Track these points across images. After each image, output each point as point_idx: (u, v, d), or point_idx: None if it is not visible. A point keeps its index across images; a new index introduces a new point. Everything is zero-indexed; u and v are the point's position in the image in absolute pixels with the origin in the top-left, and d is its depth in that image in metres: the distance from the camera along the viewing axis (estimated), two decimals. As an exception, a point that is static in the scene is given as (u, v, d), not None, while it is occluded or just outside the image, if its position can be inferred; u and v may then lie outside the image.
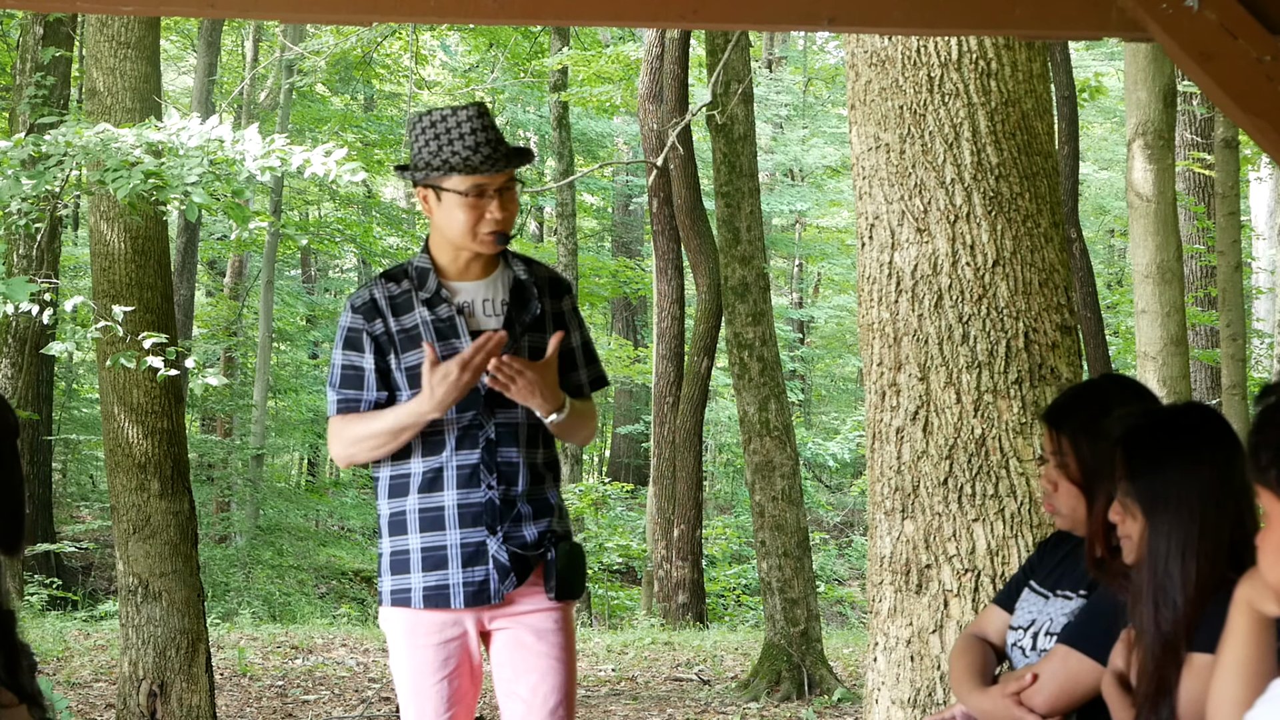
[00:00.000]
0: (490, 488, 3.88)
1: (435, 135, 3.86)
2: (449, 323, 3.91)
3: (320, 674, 11.21)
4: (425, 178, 3.88)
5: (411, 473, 3.90)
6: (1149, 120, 8.19)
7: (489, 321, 3.94)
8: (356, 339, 3.92)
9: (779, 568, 11.12)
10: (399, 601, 3.91)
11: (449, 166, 3.83)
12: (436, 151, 3.85)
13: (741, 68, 11.84)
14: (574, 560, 3.94)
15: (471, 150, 3.83)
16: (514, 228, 3.98)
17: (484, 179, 3.85)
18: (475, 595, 3.87)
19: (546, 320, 4.01)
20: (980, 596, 4.73)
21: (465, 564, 3.86)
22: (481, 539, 3.86)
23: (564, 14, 4.06)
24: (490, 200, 3.86)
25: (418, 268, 3.95)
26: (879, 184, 5.03)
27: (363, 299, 3.94)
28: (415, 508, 3.89)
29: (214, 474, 21.93)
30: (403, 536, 3.91)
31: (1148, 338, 8.09)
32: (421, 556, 3.88)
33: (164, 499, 8.34)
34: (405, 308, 3.92)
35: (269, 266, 22.21)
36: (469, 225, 3.86)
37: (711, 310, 14.15)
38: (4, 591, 2.73)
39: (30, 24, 14.31)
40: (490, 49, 23.62)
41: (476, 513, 3.87)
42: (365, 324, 3.91)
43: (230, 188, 7.66)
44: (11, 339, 14.48)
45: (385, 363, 3.90)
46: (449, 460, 3.87)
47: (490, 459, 3.88)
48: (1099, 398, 3.41)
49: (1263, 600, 2.37)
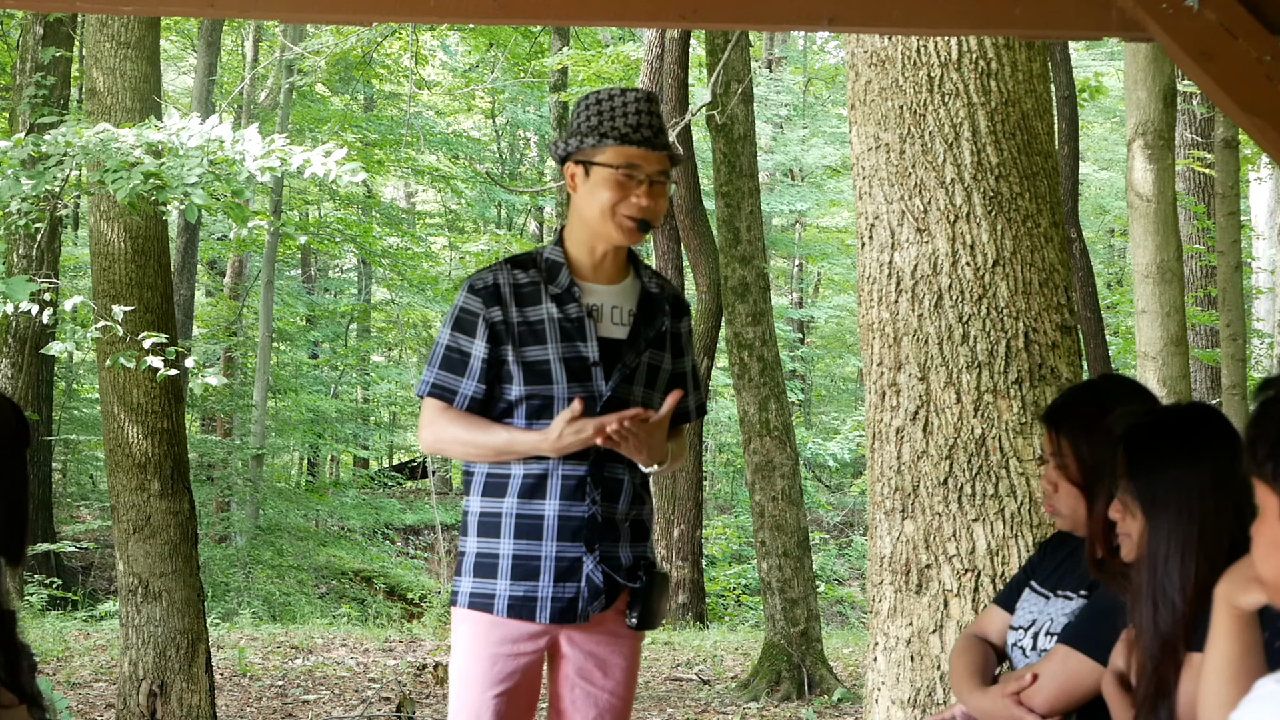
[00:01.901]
0: (594, 503, 3.70)
1: (599, 110, 3.70)
2: (577, 324, 3.72)
3: (320, 674, 11.21)
4: (579, 147, 3.69)
5: (512, 474, 3.71)
6: (1149, 120, 8.18)
7: (616, 330, 3.76)
8: (471, 322, 3.70)
9: (779, 568, 11.12)
10: (479, 605, 3.71)
11: (605, 137, 3.66)
12: (596, 125, 3.68)
13: (741, 68, 11.85)
14: (663, 590, 3.79)
15: (633, 127, 3.67)
16: (658, 224, 3.81)
17: (639, 156, 3.67)
18: (562, 612, 3.69)
19: (667, 339, 3.85)
20: (980, 596, 4.73)
21: (558, 578, 3.68)
22: (578, 555, 3.69)
23: (564, 14, 4.06)
24: (640, 184, 3.68)
25: (549, 259, 3.76)
26: (879, 184, 5.03)
27: (485, 282, 3.72)
28: (513, 512, 3.70)
29: (214, 474, 21.92)
30: (493, 539, 3.72)
31: (1148, 338, 8.09)
32: (513, 563, 3.69)
33: (164, 499, 8.34)
34: (531, 299, 3.72)
35: (269, 266, 22.21)
36: (612, 203, 3.67)
37: (711, 310, 14.16)
38: (4, 591, 2.73)
39: (30, 24, 14.32)
40: (490, 49, 23.62)
41: (576, 527, 3.69)
42: (484, 308, 3.69)
43: (230, 188, 7.65)
44: (11, 339, 14.48)
45: (499, 353, 3.69)
46: (555, 469, 3.68)
47: (598, 473, 3.70)
48: (1099, 398, 3.41)
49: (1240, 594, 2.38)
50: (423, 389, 3.76)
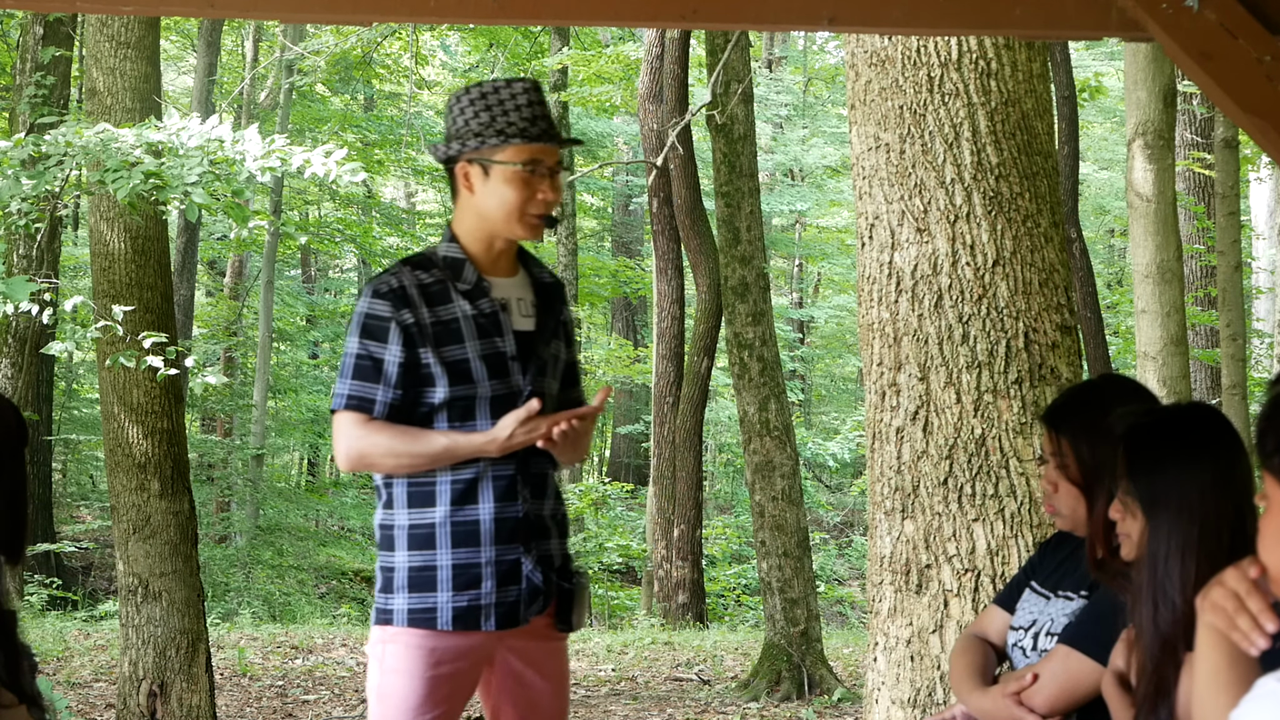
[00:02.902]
0: (525, 501, 3.61)
1: (488, 105, 3.56)
2: (492, 319, 3.61)
3: (320, 674, 11.21)
4: (477, 148, 3.55)
5: (439, 481, 3.57)
6: (1149, 120, 8.18)
7: (524, 323, 3.67)
8: (381, 327, 3.54)
9: (779, 568, 11.12)
10: (419, 622, 3.55)
11: (504, 136, 3.53)
12: (489, 122, 3.54)
13: (741, 68, 11.85)
14: (587, 591, 3.75)
15: (529, 121, 3.55)
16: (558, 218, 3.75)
17: (540, 151, 3.57)
18: (506, 617, 3.58)
19: (561, 329, 3.78)
20: (980, 596, 4.73)
21: (500, 583, 3.57)
22: (516, 556, 3.58)
23: (564, 14, 4.06)
24: (542, 179, 3.58)
25: (446, 257, 3.63)
26: (879, 184, 5.03)
27: (389, 285, 3.56)
28: (447, 520, 3.56)
29: (214, 474, 21.92)
30: (428, 551, 3.56)
31: (1148, 338, 8.09)
32: (453, 573, 3.55)
33: (164, 499, 8.34)
34: (441, 298, 3.59)
35: (269, 266, 22.21)
36: (518, 203, 3.56)
37: (711, 310, 14.15)
38: (4, 592, 2.73)
39: (30, 24, 14.31)
40: (490, 49, 23.61)
41: (513, 528, 3.59)
42: (393, 311, 3.54)
43: (230, 188, 7.65)
44: (11, 339, 14.48)
45: (415, 356, 3.54)
46: (486, 471, 3.57)
47: (526, 471, 3.61)
48: (1098, 398, 3.41)
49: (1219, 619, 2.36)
50: (339, 403, 3.58)
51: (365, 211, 25.93)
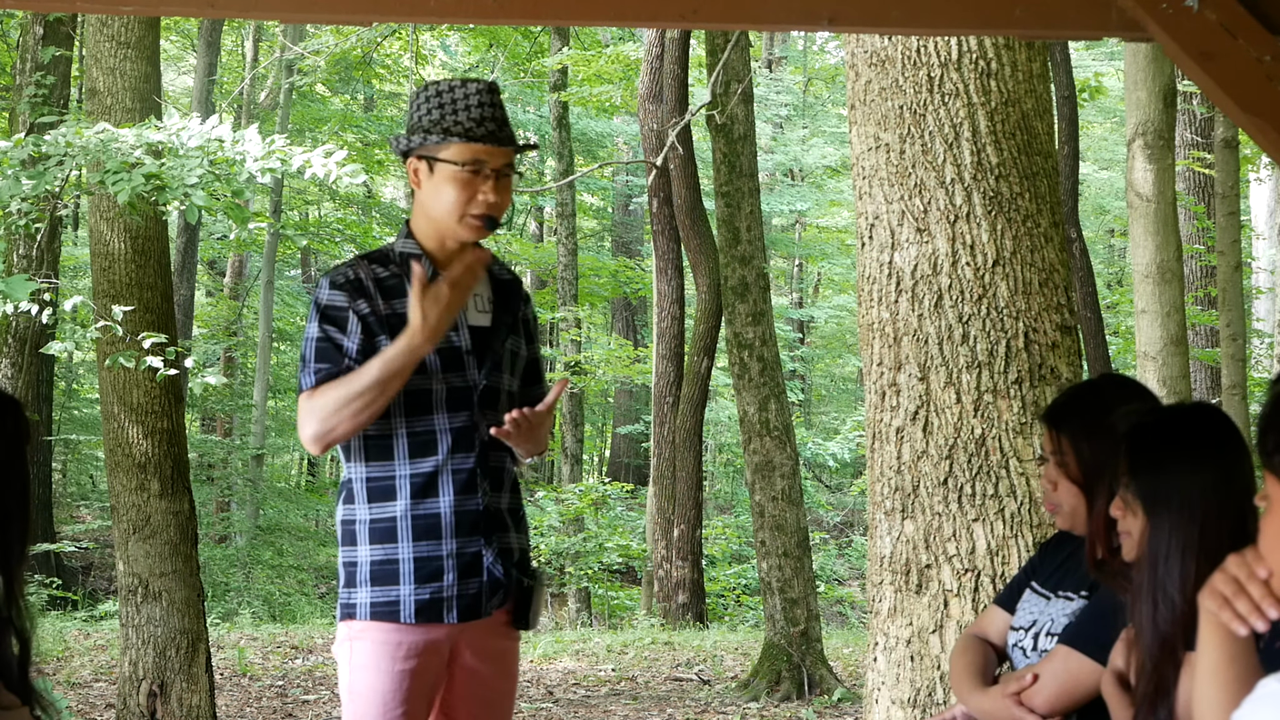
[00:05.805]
0: (485, 494, 3.63)
1: (440, 103, 3.58)
2: None
3: (320, 674, 11.21)
4: (421, 144, 3.58)
5: (398, 475, 3.60)
6: (1149, 120, 8.18)
7: (480, 319, 3.69)
8: (339, 316, 3.58)
9: (779, 568, 11.12)
10: (382, 615, 3.59)
11: (449, 134, 3.55)
12: (439, 119, 3.57)
13: (741, 68, 11.85)
14: (545, 592, 3.82)
15: (476, 121, 3.57)
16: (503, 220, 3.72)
17: (484, 152, 3.57)
18: (468, 609, 3.61)
19: (521, 326, 3.81)
20: (980, 596, 4.73)
21: (461, 575, 3.60)
22: (478, 549, 3.61)
23: (564, 14, 4.06)
24: (486, 180, 3.58)
25: (403, 253, 3.66)
26: (879, 184, 5.03)
27: (346, 276, 3.60)
28: (408, 514, 3.59)
29: (214, 474, 21.93)
30: (390, 545, 3.59)
31: (1148, 338, 8.09)
32: (414, 566, 3.58)
33: (164, 499, 8.34)
34: (396, 291, 3.61)
35: (269, 266, 22.22)
36: (459, 203, 3.57)
37: (711, 310, 14.16)
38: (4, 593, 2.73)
39: (30, 24, 14.31)
40: (490, 49, 23.61)
41: (473, 520, 3.61)
42: (350, 301, 3.58)
43: (230, 188, 7.65)
44: (11, 339, 14.48)
45: (372, 344, 3.56)
46: (445, 465, 3.59)
47: (485, 464, 3.64)
48: (1098, 397, 3.42)
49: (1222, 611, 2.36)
50: (309, 382, 3.58)
51: (365, 212, 25.94)
